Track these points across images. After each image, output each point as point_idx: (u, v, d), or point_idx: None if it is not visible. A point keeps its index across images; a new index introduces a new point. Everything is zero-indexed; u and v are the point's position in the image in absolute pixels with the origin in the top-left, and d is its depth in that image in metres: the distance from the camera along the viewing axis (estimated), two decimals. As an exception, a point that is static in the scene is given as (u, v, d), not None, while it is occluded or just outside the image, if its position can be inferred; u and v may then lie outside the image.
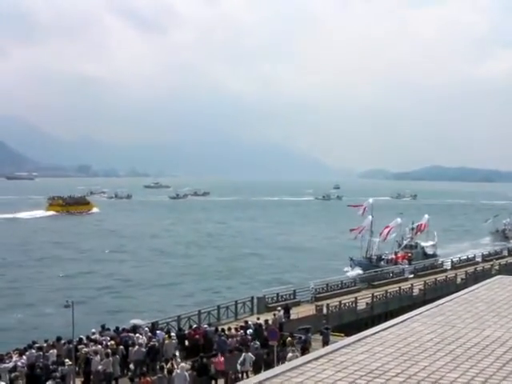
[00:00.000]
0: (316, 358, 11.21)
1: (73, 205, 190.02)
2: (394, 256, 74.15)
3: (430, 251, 79.41)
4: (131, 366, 28.56)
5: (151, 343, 29.53)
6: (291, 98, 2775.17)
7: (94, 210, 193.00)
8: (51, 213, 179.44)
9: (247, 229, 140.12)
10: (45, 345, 30.25)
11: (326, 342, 30.70)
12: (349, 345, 12.21)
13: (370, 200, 76.72)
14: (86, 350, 28.49)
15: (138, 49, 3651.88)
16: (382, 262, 71.31)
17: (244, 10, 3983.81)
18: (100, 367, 26.71)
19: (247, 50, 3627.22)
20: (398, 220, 76.74)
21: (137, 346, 28.84)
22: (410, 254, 75.14)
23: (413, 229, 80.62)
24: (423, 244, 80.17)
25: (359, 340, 12.60)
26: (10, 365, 26.82)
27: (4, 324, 53.96)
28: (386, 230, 73.68)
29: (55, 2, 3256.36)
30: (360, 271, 67.90)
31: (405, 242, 78.26)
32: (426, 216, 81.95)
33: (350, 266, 72.99)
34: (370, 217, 73.32)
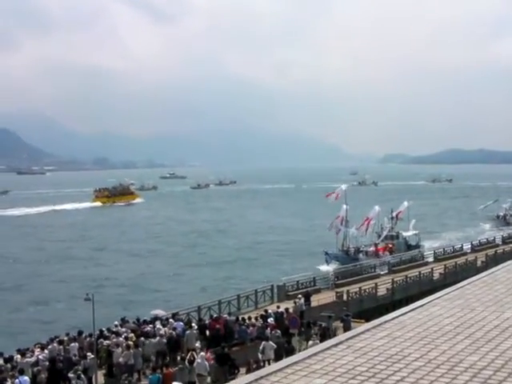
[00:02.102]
0: (335, 345, 11.21)
1: (118, 196, 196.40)
2: (374, 248, 67.64)
3: (412, 242, 72.96)
4: (152, 358, 28.65)
5: (170, 334, 29.65)
6: (306, 85, 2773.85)
7: (138, 200, 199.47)
8: (97, 204, 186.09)
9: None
10: (66, 338, 30.45)
11: (347, 329, 30.67)
12: (368, 330, 12.20)
13: (343, 186, 71.54)
14: (107, 342, 28.67)
15: (151, 38, 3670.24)
16: (361, 255, 65.55)
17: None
18: (121, 359, 26.85)
19: (261, 37, 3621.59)
20: (376, 208, 71.07)
21: (158, 337, 28.95)
22: (391, 246, 68.85)
23: (392, 218, 73.70)
24: (405, 234, 73.17)
25: (378, 325, 12.59)
26: (33, 359, 26.97)
27: (24, 318, 54.52)
28: (367, 221, 68.97)
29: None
30: (336, 266, 62.43)
31: (385, 233, 70.93)
32: (405, 203, 76.33)
33: (326, 261, 66.22)
34: (345, 206, 67.64)
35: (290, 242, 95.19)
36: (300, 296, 38.76)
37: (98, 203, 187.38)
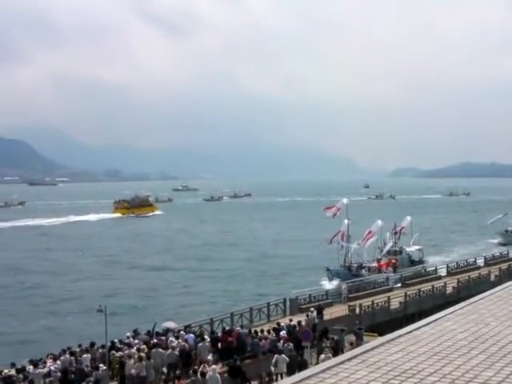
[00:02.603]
0: (349, 359, 11.18)
1: (137, 207, 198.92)
2: (376, 264, 65.30)
3: (416, 257, 71.39)
4: (164, 370, 28.65)
5: (183, 346, 29.64)
6: (316, 98, 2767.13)
7: (157, 212, 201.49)
8: (117, 215, 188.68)
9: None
10: (78, 350, 30.52)
11: (359, 343, 30.58)
12: (382, 345, 12.16)
13: (345, 200, 67.22)
14: (120, 353, 28.70)
15: (164, 53, 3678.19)
16: (364, 271, 62.83)
17: (268, 13, 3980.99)
18: (133, 371, 26.86)
19: (270, 53, 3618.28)
20: (379, 223, 67.64)
21: (170, 350, 28.94)
22: (394, 261, 66.51)
23: (396, 233, 71.83)
24: (408, 249, 71.27)
25: (392, 340, 12.55)
26: (45, 370, 27.04)
27: (37, 329, 54.67)
28: (369, 235, 65.69)
29: (78, 7, 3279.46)
30: (338, 282, 60.02)
31: (387, 247, 68.65)
32: (409, 218, 73.94)
33: (328, 278, 64.64)
34: (346, 220, 64.48)
35: (299, 255, 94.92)
36: (312, 309, 38.76)
37: (118, 214, 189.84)
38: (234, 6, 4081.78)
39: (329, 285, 61.59)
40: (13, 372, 28.12)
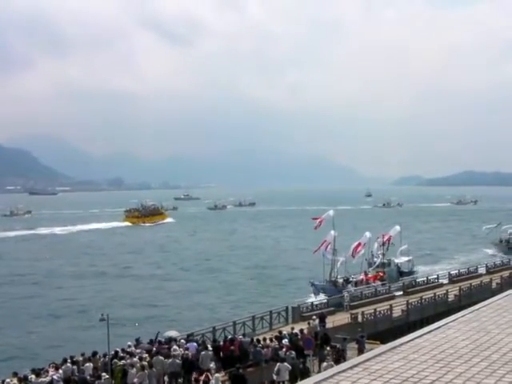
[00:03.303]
0: (351, 367, 11.21)
1: (148, 216, 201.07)
2: (363, 277, 61.52)
3: (405, 268, 68.26)
4: (166, 378, 28.65)
5: (185, 355, 29.63)
6: (319, 105, 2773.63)
7: (168, 220, 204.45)
8: (127, 224, 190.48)
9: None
10: (81, 359, 30.52)
11: (361, 351, 30.57)
12: (384, 353, 12.20)
13: (331, 212, 62.91)
14: (122, 362, 28.71)
15: (166, 61, 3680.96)
16: (350, 286, 58.20)
17: (269, 19, 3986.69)
18: (136, 380, 26.85)
19: (274, 59, 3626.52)
20: (367, 234, 64.26)
21: (172, 358, 28.93)
22: (381, 274, 63.03)
23: (384, 244, 67.90)
24: (397, 261, 67.96)
25: (394, 348, 12.58)
26: (47, 379, 27.03)
27: (39, 338, 54.67)
28: (359, 248, 62.22)
29: (82, 16, 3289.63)
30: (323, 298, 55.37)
31: (378, 260, 65.15)
32: (398, 227, 69.86)
33: (313, 293, 59.33)
34: (333, 231, 59.99)
35: (297, 266, 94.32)
36: (314, 317, 38.74)
37: (128, 223, 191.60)
38: (236, 13, 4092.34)
39: (315, 299, 55.39)
40: (15, 381, 28.17)
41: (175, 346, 31.07)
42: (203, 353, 29.51)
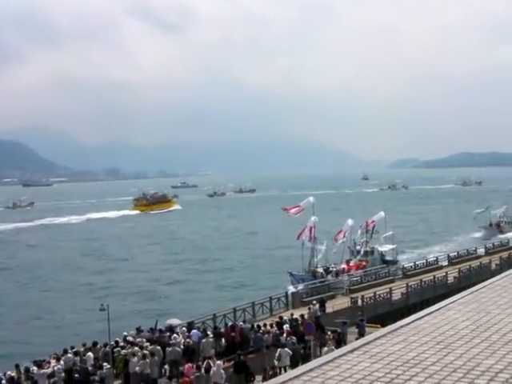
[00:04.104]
0: (351, 351, 11.19)
1: (155, 203, 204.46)
2: (345, 266, 59.53)
3: (389, 257, 65.73)
4: (166, 367, 28.69)
5: (187, 343, 29.68)
6: (314, 91, 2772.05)
7: (175, 207, 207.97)
8: (136, 212, 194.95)
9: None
10: (82, 349, 30.56)
11: (361, 334, 30.63)
12: (384, 336, 12.18)
13: (311, 199, 59.08)
14: (124, 351, 28.74)
15: (160, 50, 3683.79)
16: (330, 276, 55.42)
17: (261, 5, 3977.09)
18: (137, 368, 26.90)
19: (268, 45, 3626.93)
20: (349, 222, 61.67)
21: (172, 347, 28.96)
22: (364, 263, 60.85)
23: (367, 231, 65.70)
24: (380, 249, 65.51)
25: (394, 330, 12.56)
26: (49, 370, 27.09)
27: (39, 329, 54.75)
28: (340, 235, 60.39)
29: (73, 5, 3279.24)
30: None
31: (361, 249, 62.89)
32: (382, 213, 66.99)
33: (292, 283, 55.92)
34: (313, 217, 56.94)
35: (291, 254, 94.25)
36: (315, 302, 38.78)
37: (137, 211, 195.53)
38: (230, 1, 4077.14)
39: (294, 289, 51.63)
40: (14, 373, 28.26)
41: (175, 335, 31.12)
42: (204, 340, 29.57)
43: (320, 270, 57.10)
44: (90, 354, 29.34)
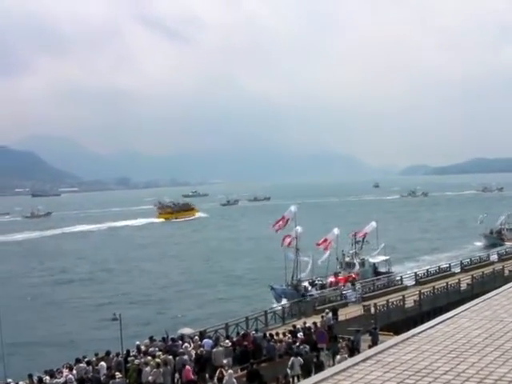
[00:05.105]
0: (364, 360, 11.20)
1: (179, 211, 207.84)
2: (333, 278, 56.44)
3: (382, 268, 62.44)
4: (177, 375, 28.66)
5: (200, 352, 29.68)
6: (321, 98, 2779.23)
7: (198, 214, 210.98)
8: (161, 220, 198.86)
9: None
10: (94, 359, 30.61)
11: (375, 342, 30.57)
12: (396, 344, 12.17)
13: (293, 208, 56.83)
14: (137, 361, 28.76)
15: (167, 58, 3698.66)
16: (314, 289, 52.76)
17: (266, 12, 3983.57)
18: (150, 378, 26.90)
19: (273, 53, 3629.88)
20: (335, 231, 58.09)
21: (185, 356, 28.95)
22: (354, 276, 57.12)
23: (358, 242, 62.38)
24: (372, 260, 62.16)
25: (407, 339, 12.56)
26: (61, 380, 27.09)
27: (51, 339, 54.85)
28: (324, 244, 56.71)
29: (80, 15, 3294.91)
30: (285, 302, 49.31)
31: (355, 261, 59.97)
32: (374, 223, 63.95)
33: (274, 298, 54.76)
34: (299, 228, 54.91)
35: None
36: (327, 310, 38.72)
37: (162, 219, 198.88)
38: (233, 8, 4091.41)
39: (277, 305, 49.70)
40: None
41: (186, 344, 31.13)
42: (215, 350, 29.54)
43: (305, 283, 54.39)
44: (102, 363, 29.38)
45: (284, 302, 49.64)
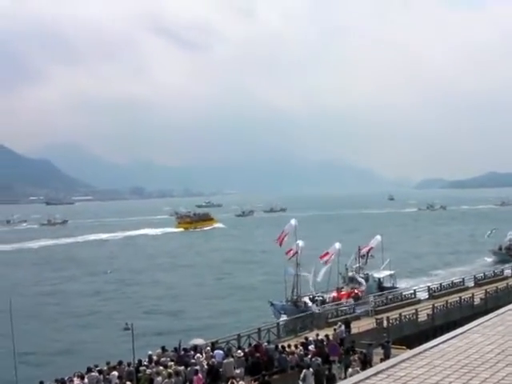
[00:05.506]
0: (375, 374, 11.20)
1: (198, 221, 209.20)
2: (336, 294, 55.06)
3: (387, 283, 60.51)
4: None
5: (211, 362, 29.70)
6: (336, 109, 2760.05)
7: (217, 225, 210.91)
8: (180, 229, 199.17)
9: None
10: (105, 368, 30.68)
11: (387, 356, 30.48)
12: (408, 359, 12.16)
13: (293, 221, 56.37)
14: (149, 371, 28.82)
15: (181, 68, 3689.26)
16: (315, 306, 50.89)
17: (280, 23, 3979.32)
18: (162, 388, 26.96)
19: (288, 64, 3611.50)
20: (336, 245, 56.08)
21: (197, 366, 28.97)
22: (356, 291, 55.69)
23: (362, 256, 60.63)
24: (377, 275, 60.29)
25: (419, 354, 12.54)
26: (72, 389, 27.16)
27: (63, 348, 54.94)
28: (325, 256, 55.00)
29: (93, 23, 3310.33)
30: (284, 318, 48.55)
31: (359, 276, 58.38)
32: (378, 237, 62.25)
33: (274, 314, 52.72)
34: (300, 242, 54.06)
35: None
36: (340, 323, 38.67)
37: (181, 229, 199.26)
38: (248, 18, 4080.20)
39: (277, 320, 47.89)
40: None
41: (198, 354, 31.17)
42: (225, 361, 29.55)
43: (305, 298, 52.99)
44: (114, 372, 29.45)
45: (283, 318, 48.77)
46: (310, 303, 51.57)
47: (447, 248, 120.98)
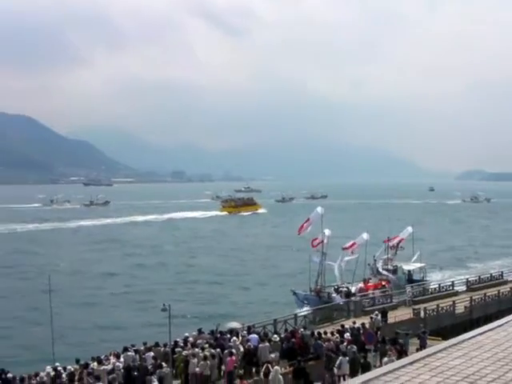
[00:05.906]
0: (411, 363, 11.20)
1: (242, 206, 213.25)
2: (363, 285, 53.21)
3: (417, 276, 58.25)
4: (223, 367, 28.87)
5: (248, 346, 29.90)
6: (380, 98, 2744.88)
7: (261, 210, 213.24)
8: (224, 213, 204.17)
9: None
10: (142, 348, 31.05)
11: (423, 346, 30.37)
12: (445, 349, 12.13)
13: (319, 209, 53.22)
14: (185, 352, 29.09)
15: (224, 52, 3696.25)
16: (338, 297, 48.83)
17: (325, 10, 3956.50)
18: (197, 369, 27.19)
19: (333, 50, 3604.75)
20: (364, 236, 54.12)
21: (228, 349, 29.19)
22: (383, 283, 53.74)
23: (392, 247, 58.35)
24: (406, 267, 57.90)
25: (455, 344, 12.50)
26: (109, 367, 27.47)
27: (100, 326, 55.58)
28: (352, 247, 53.34)
29: (136, 7, 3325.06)
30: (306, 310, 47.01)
31: (389, 268, 56.18)
32: (410, 228, 59.79)
33: (296, 304, 51.35)
34: (326, 230, 51.70)
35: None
36: (377, 312, 38.61)
37: (225, 212, 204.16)
38: (292, 3, 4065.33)
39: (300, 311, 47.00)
40: (76, 367, 28.93)
41: (234, 337, 31.39)
42: (261, 345, 29.69)
43: (330, 289, 51.50)
44: (150, 353, 29.81)
45: (306, 308, 47.69)
46: (334, 294, 49.81)
47: (488, 241, 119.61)
